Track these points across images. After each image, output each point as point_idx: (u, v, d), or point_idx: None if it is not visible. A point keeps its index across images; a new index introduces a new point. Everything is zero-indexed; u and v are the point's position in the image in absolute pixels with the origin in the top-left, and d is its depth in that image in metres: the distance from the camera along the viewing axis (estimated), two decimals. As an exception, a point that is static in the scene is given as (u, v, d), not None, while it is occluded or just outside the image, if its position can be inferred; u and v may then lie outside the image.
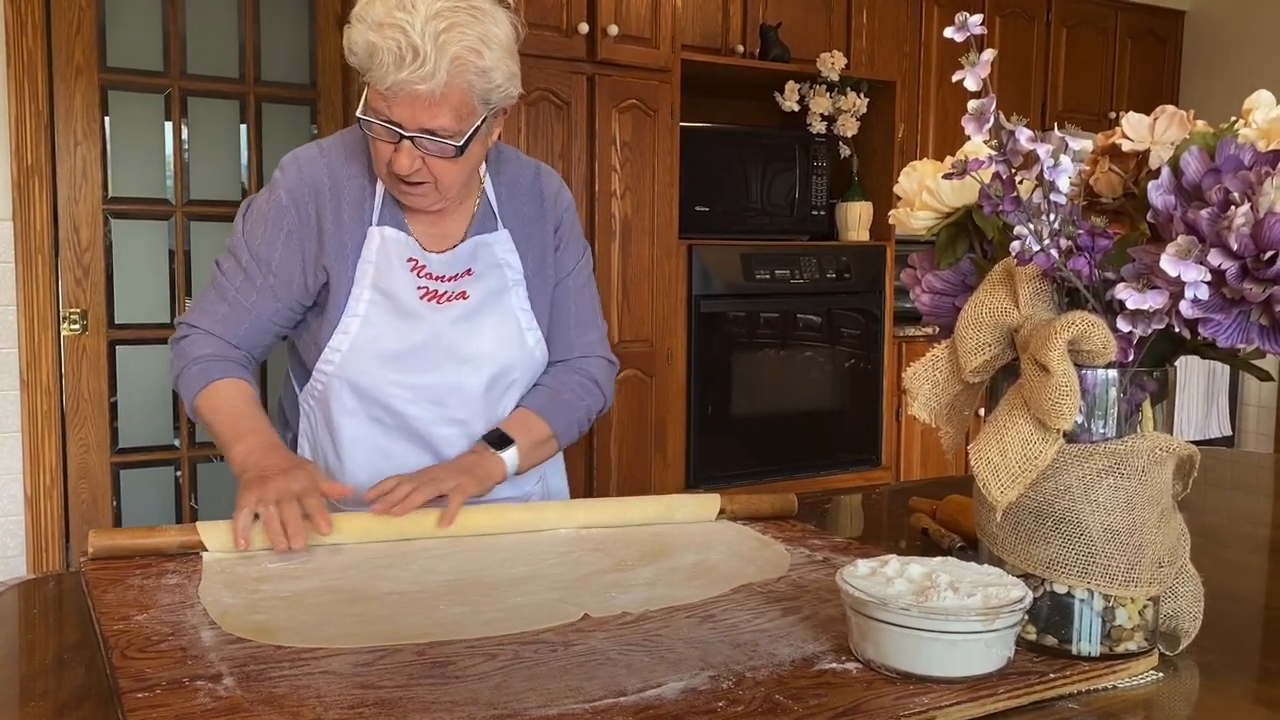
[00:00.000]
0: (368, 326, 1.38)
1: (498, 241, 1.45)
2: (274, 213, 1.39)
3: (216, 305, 1.41)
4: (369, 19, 1.25)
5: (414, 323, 1.38)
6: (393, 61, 1.22)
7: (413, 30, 1.21)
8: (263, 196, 1.41)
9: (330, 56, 3.44)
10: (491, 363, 1.42)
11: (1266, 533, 1.51)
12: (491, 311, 1.43)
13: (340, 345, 1.39)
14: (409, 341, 1.38)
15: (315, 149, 1.42)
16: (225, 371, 1.38)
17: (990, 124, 0.85)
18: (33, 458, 3.07)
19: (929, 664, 0.83)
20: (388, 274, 1.38)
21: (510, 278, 1.45)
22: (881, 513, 1.63)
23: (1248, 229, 0.77)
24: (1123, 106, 4.81)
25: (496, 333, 1.43)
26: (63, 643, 0.99)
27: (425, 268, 1.40)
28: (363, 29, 1.25)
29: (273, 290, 1.40)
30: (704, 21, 3.73)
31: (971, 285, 1.00)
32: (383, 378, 1.39)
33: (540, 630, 0.95)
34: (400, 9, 1.22)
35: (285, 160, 1.42)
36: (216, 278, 1.42)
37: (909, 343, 3.98)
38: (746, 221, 3.69)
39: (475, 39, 1.24)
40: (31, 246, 3.04)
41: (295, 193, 1.38)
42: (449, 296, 1.40)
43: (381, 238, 1.39)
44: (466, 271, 1.42)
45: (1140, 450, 0.87)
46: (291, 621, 0.98)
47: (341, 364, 1.39)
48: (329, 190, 1.38)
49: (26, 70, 2.99)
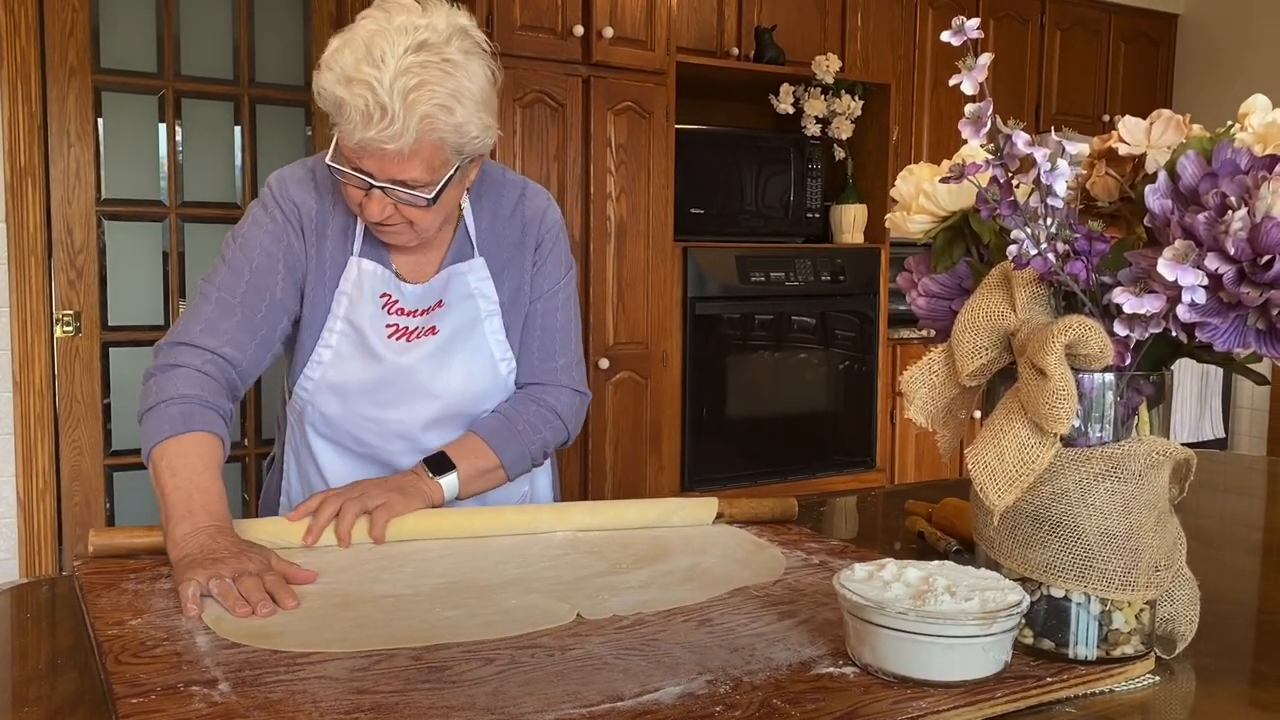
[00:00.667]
0: (338, 359, 1.36)
1: (471, 270, 1.40)
2: (273, 227, 1.35)
3: (223, 320, 1.31)
4: (336, 69, 1.19)
5: (377, 361, 1.36)
6: (360, 119, 1.17)
7: (380, 88, 1.16)
8: (256, 213, 1.37)
9: (325, 58, 3.44)
10: (460, 397, 1.40)
11: (1260, 536, 1.51)
12: (462, 345, 1.39)
13: (313, 374, 1.37)
14: (373, 376, 1.36)
15: (302, 170, 1.38)
16: (205, 423, 1.23)
17: (987, 128, 0.85)
18: (25, 460, 3.06)
19: (926, 668, 0.83)
20: (359, 309, 1.35)
21: (484, 308, 1.41)
22: (876, 515, 1.63)
23: (1245, 233, 0.77)
24: (1116, 109, 4.83)
25: (466, 367, 1.39)
26: (56, 648, 0.98)
27: (398, 303, 1.37)
28: (330, 79, 1.20)
29: (281, 304, 1.35)
30: (699, 24, 3.73)
31: (968, 289, 1.00)
32: (352, 409, 1.37)
33: (536, 634, 0.95)
34: (369, 63, 1.17)
35: (273, 179, 1.38)
36: (213, 294, 1.32)
37: (903, 345, 3.99)
38: (741, 224, 3.69)
39: (446, 95, 1.19)
40: (25, 248, 3.03)
41: (287, 210, 1.35)
42: (419, 333, 1.37)
43: (359, 270, 1.35)
44: (438, 304, 1.39)
45: (1137, 454, 0.87)
46: (286, 626, 0.97)
47: (314, 391, 1.38)
48: (315, 214, 1.35)
49: (20, 71, 2.99)
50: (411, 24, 1.19)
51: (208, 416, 1.24)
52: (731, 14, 3.80)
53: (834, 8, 4.04)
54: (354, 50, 1.19)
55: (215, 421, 1.25)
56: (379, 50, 1.17)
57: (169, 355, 1.29)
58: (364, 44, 1.18)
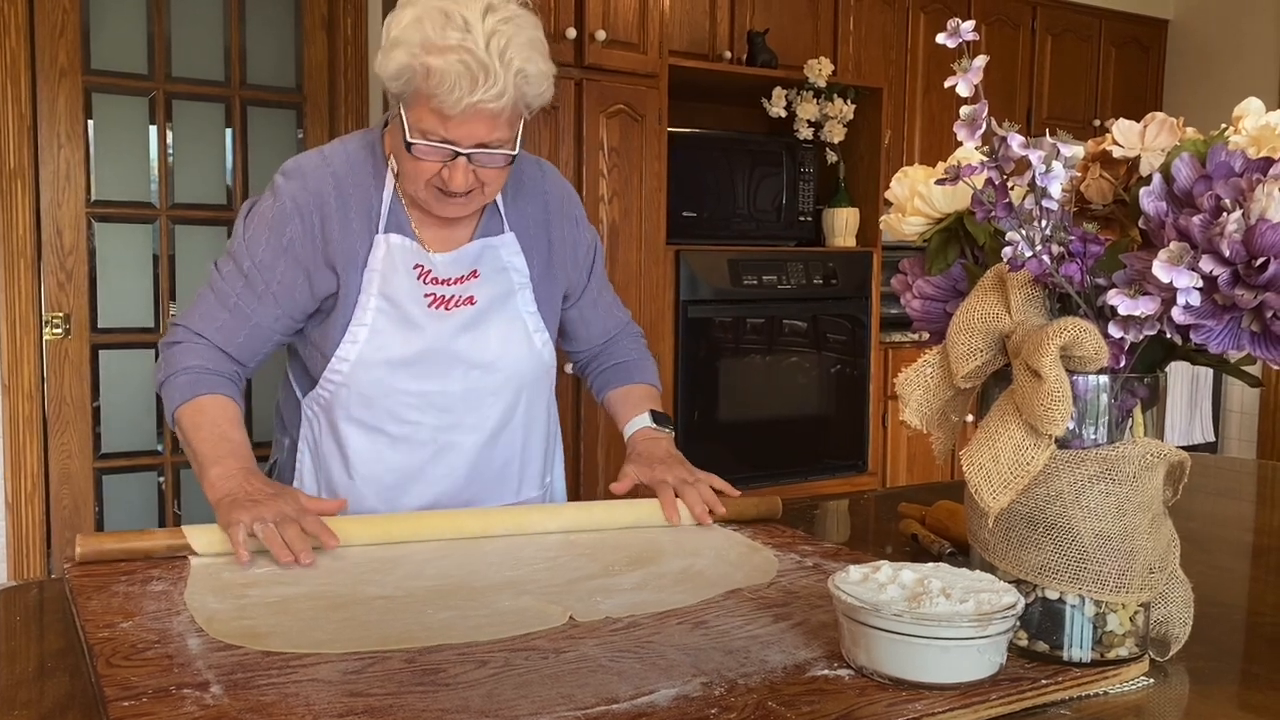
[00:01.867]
0: (375, 335, 1.36)
1: (504, 244, 1.44)
2: (277, 219, 1.36)
3: (216, 311, 1.37)
4: (416, 40, 1.21)
5: (420, 330, 1.37)
6: (466, 84, 1.19)
7: (478, 49, 1.19)
8: (265, 202, 1.38)
9: (316, 59, 3.43)
10: (498, 367, 1.42)
11: (1251, 539, 1.52)
12: (498, 316, 1.42)
13: (348, 354, 1.37)
14: (415, 348, 1.37)
15: (318, 157, 1.39)
16: (213, 386, 1.34)
17: (982, 130, 0.85)
18: (13, 463, 3.05)
19: (922, 670, 0.83)
20: (393, 281, 1.37)
21: (516, 281, 1.44)
22: (869, 518, 1.63)
23: (1239, 235, 0.78)
24: (1107, 114, 4.85)
25: (503, 337, 1.42)
26: (45, 651, 0.98)
27: (430, 272, 1.39)
28: (409, 52, 1.21)
29: (275, 298, 1.36)
30: (692, 27, 3.74)
31: (963, 291, 1.00)
32: (391, 385, 1.38)
33: (530, 636, 0.95)
34: (454, 29, 1.20)
35: (287, 167, 1.39)
36: (216, 283, 1.38)
37: (895, 348, 3.99)
38: (734, 227, 3.69)
39: (528, 48, 1.24)
40: (14, 250, 3.01)
41: (299, 200, 1.35)
42: (456, 301, 1.39)
43: (388, 245, 1.37)
44: (472, 274, 1.41)
45: (1131, 456, 0.87)
46: (278, 627, 0.97)
47: (350, 372, 1.37)
48: (334, 199, 1.36)
49: (9, 73, 2.97)
50: None
51: (212, 381, 1.34)
52: (724, 17, 3.80)
53: (826, 11, 4.05)
54: (433, 21, 1.21)
55: (222, 384, 1.35)
56: (459, 17, 1.21)
57: (173, 334, 1.39)
58: (440, 13, 1.21)
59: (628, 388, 1.58)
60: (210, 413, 1.32)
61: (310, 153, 1.41)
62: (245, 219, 1.39)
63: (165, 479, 3.35)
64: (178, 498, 3.37)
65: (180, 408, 1.33)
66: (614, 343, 1.63)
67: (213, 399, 1.33)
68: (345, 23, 3.40)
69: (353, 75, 3.44)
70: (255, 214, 1.38)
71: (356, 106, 3.45)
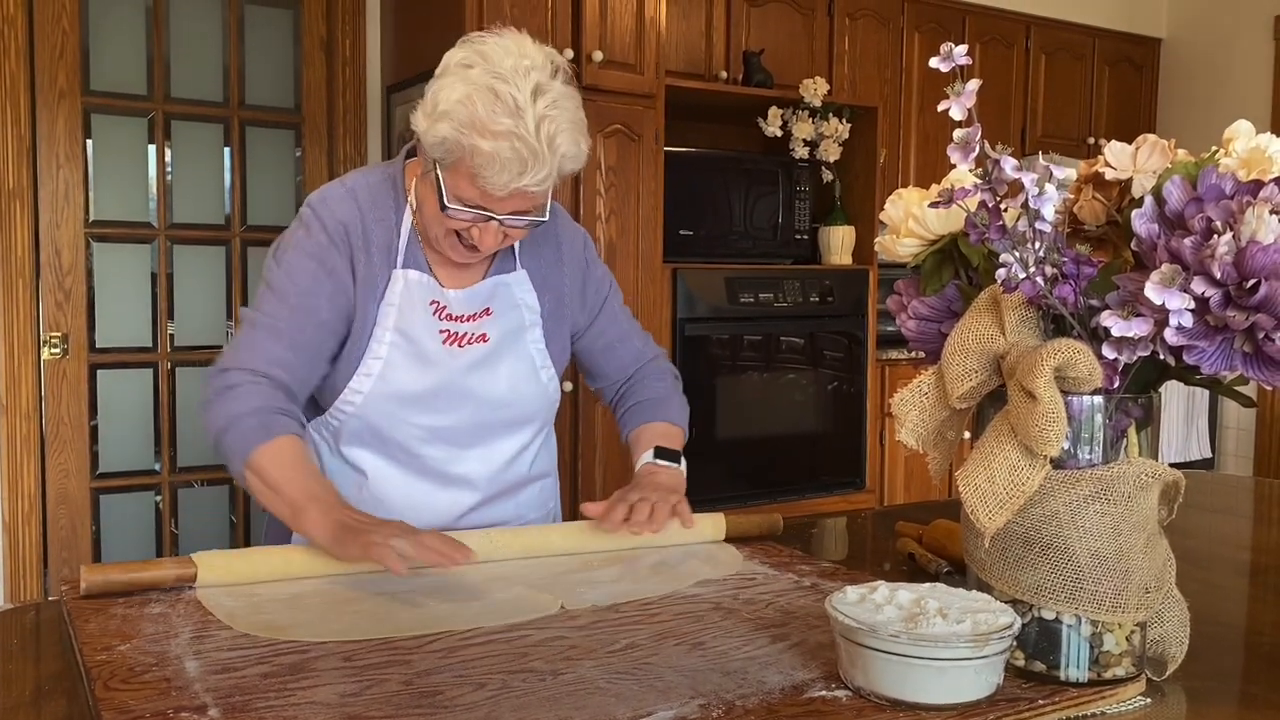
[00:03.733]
0: (389, 369, 1.36)
1: (516, 282, 1.45)
2: (316, 247, 1.35)
3: (269, 345, 1.32)
4: (461, 119, 1.21)
5: (433, 366, 1.38)
6: (515, 169, 1.20)
7: (529, 136, 1.20)
8: (298, 234, 1.37)
9: (315, 80, 3.45)
10: (507, 403, 1.43)
11: (1248, 556, 1.52)
12: (509, 353, 1.43)
13: (361, 387, 1.37)
14: (427, 384, 1.38)
15: (342, 189, 1.39)
16: (286, 427, 1.29)
17: (975, 153, 0.86)
18: (11, 483, 3.04)
19: (918, 691, 0.83)
20: (410, 316, 1.37)
21: (528, 318, 1.45)
22: (867, 537, 1.63)
23: (1230, 257, 0.78)
24: (1101, 132, 4.87)
25: (512, 374, 1.43)
26: (42, 674, 0.98)
27: (445, 308, 1.39)
28: (458, 128, 1.21)
29: (327, 325, 1.35)
30: (688, 48, 3.76)
31: (957, 312, 1.01)
32: (401, 418, 1.38)
33: (529, 659, 0.95)
34: (505, 113, 1.20)
35: (314, 200, 1.38)
36: (259, 320, 1.34)
37: (892, 366, 4.00)
38: (730, 245, 3.70)
39: (572, 131, 1.25)
40: (12, 270, 3.02)
41: (331, 229, 1.35)
42: (469, 339, 1.40)
43: (405, 280, 1.37)
44: (485, 311, 1.42)
45: (1126, 476, 0.88)
46: (296, 619, 1.04)
47: (361, 404, 1.37)
48: (360, 232, 1.36)
49: (9, 94, 2.98)
50: (521, 66, 1.22)
51: (283, 422, 1.29)
52: (720, 38, 3.83)
53: (821, 31, 4.07)
54: (484, 100, 1.20)
55: (291, 425, 1.30)
56: (510, 99, 1.20)
57: (223, 379, 1.31)
58: (490, 92, 1.20)
59: (644, 426, 1.56)
60: (290, 454, 1.27)
61: (334, 184, 1.41)
62: (277, 255, 1.38)
63: (163, 498, 3.34)
64: (175, 517, 3.36)
65: (255, 452, 1.26)
66: (639, 379, 1.61)
67: (289, 441, 1.28)
68: (344, 44, 3.42)
69: (351, 96, 3.45)
70: (289, 247, 1.37)
71: (354, 127, 3.47)
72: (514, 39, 1.26)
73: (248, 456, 1.26)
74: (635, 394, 1.60)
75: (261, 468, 1.25)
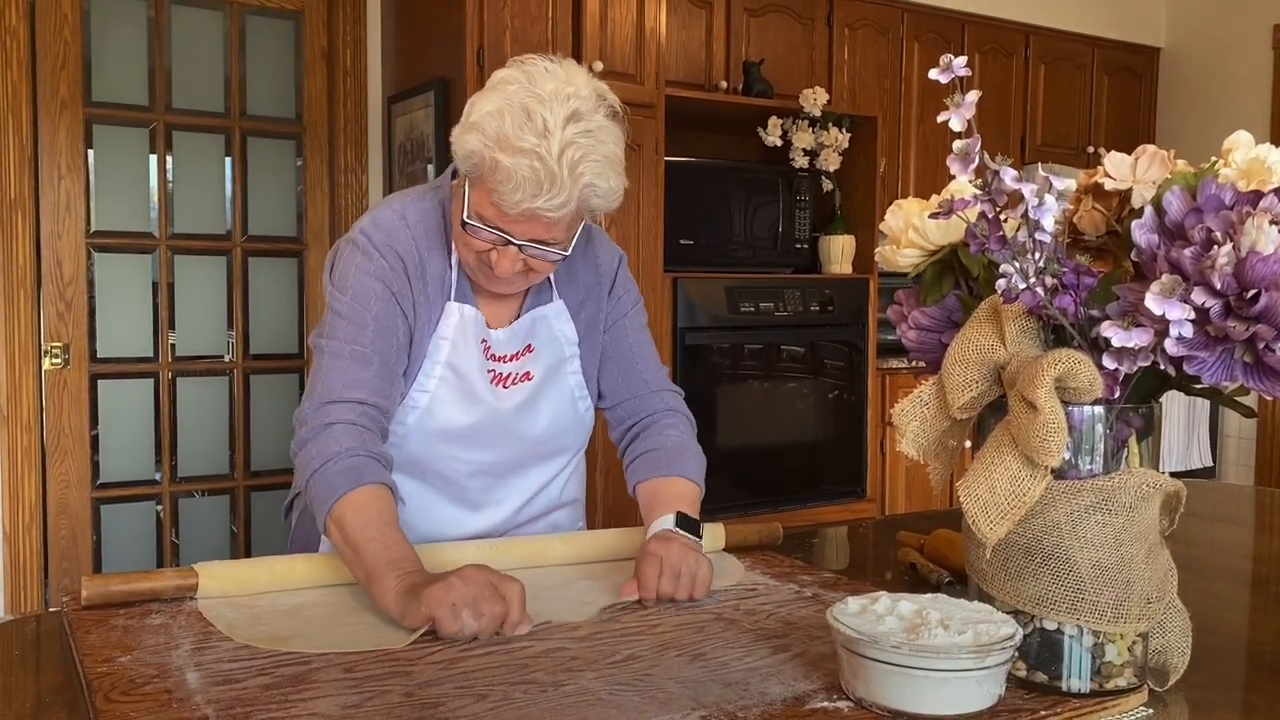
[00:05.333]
0: (436, 404, 1.34)
1: (554, 314, 1.42)
2: (380, 270, 1.31)
3: (356, 372, 1.27)
4: (492, 132, 1.19)
5: (479, 404, 1.36)
6: (529, 188, 1.17)
7: (550, 158, 1.17)
8: (359, 260, 1.32)
9: (316, 90, 3.46)
10: (545, 437, 1.42)
11: (1250, 566, 1.52)
12: (550, 389, 1.41)
13: (406, 419, 1.33)
14: (471, 420, 1.36)
15: (396, 217, 1.35)
16: (375, 475, 1.21)
17: (975, 164, 0.86)
18: (11, 494, 3.04)
19: (920, 702, 0.83)
20: (464, 352, 1.35)
21: (567, 350, 1.43)
22: (868, 546, 1.63)
23: (1230, 268, 0.78)
24: (1100, 141, 4.88)
25: (552, 409, 1.41)
26: (43, 686, 0.98)
27: (490, 348, 1.37)
28: (484, 141, 1.19)
29: (404, 347, 1.32)
30: (688, 58, 3.77)
31: (958, 322, 1.01)
32: (443, 451, 1.36)
33: (529, 662, 0.95)
34: (533, 133, 1.17)
35: (368, 226, 1.34)
36: (339, 348, 1.28)
37: (893, 375, 4.00)
38: (730, 255, 3.71)
39: (603, 164, 1.22)
40: (13, 280, 3.02)
41: (390, 258, 1.32)
42: (514, 379, 1.38)
43: (461, 315, 1.34)
44: (527, 348, 1.40)
45: (1127, 486, 0.88)
46: (297, 630, 1.04)
47: (404, 436, 1.34)
48: (416, 261, 1.33)
49: (11, 105, 2.99)
50: (562, 92, 1.20)
51: (375, 468, 1.21)
52: (720, 48, 3.84)
53: (821, 41, 4.09)
54: (514, 117, 1.18)
55: (383, 472, 1.23)
56: (540, 120, 1.18)
57: (320, 415, 1.24)
58: (523, 111, 1.18)
59: (657, 481, 1.40)
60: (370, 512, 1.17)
61: (384, 210, 1.37)
62: (338, 283, 1.33)
63: (163, 508, 3.34)
64: (175, 527, 3.36)
65: (340, 502, 1.17)
66: (652, 424, 1.49)
67: (373, 493, 1.19)
68: (345, 54, 3.43)
69: (352, 106, 3.46)
70: (350, 272, 1.32)
71: (356, 137, 3.47)
72: (566, 67, 1.24)
73: (332, 505, 1.18)
74: (646, 441, 1.46)
75: (343, 519, 1.17)
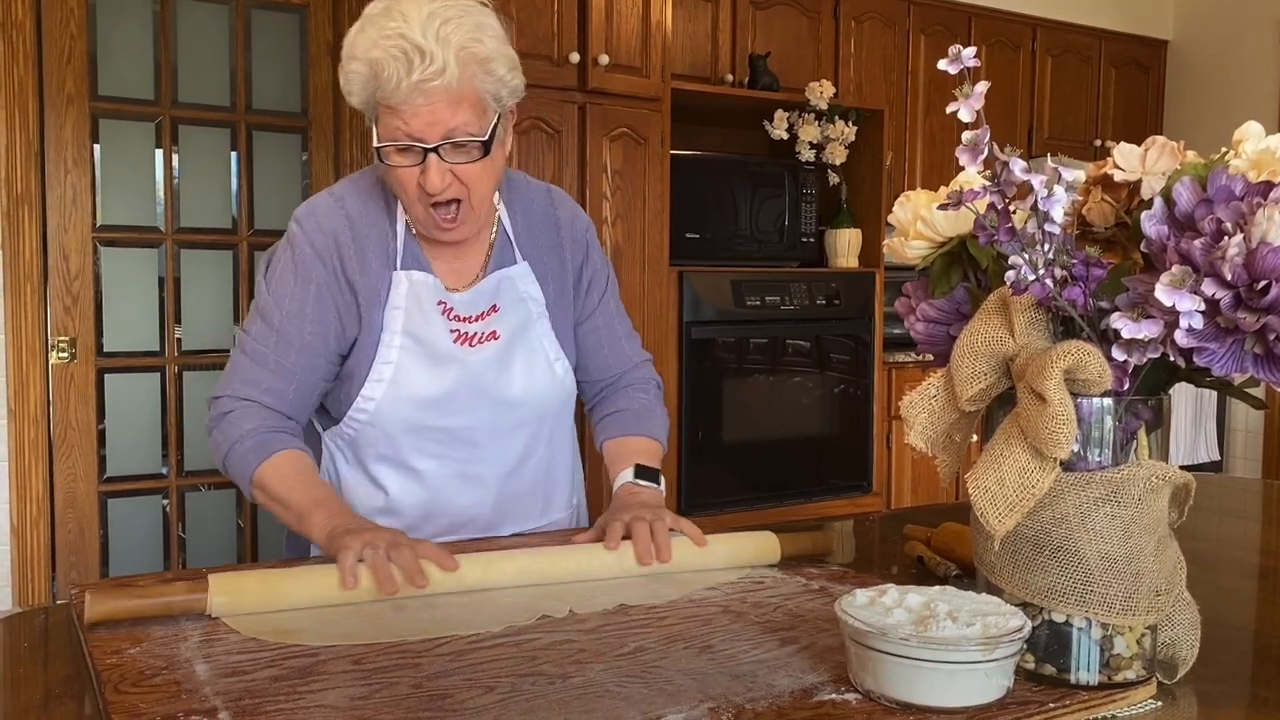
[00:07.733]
0: (401, 373, 1.35)
1: (519, 275, 1.43)
2: (300, 267, 1.35)
3: (257, 373, 1.34)
4: (360, 47, 1.24)
5: (447, 366, 1.37)
6: (403, 68, 1.20)
7: (413, 33, 1.20)
8: (284, 254, 1.37)
9: (321, 84, 3.45)
10: (523, 401, 1.42)
11: (1257, 559, 1.51)
12: (520, 348, 1.42)
13: (374, 393, 1.36)
14: (442, 386, 1.36)
15: (329, 199, 1.39)
16: (282, 443, 1.31)
17: (984, 155, 0.86)
18: (19, 487, 3.05)
19: (928, 694, 0.83)
20: (419, 319, 1.36)
21: (534, 310, 1.44)
22: (874, 540, 1.63)
23: (1241, 259, 0.78)
24: (1108, 134, 4.87)
25: (527, 370, 1.42)
26: (51, 678, 0.98)
27: (452, 309, 1.38)
28: (359, 55, 1.24)
29: (312, 347, 1.35)
30: (694, 51, 3.76)
31: (966, 314, 1.01)
32: (417, 421, 1.37)
33: (537, 654, 0.95)
34: (391, 19, 1.22)
35: (300, 213, 1.38)
36: (248, 345, 1.36)
37: (899, 368, 4.00)
38: (736, 248, 3.71)
39: (472, 27, 1.23)
40: (20, 274, 3.03)
41: (317, 244, 1.35)
42: (480, 338, 1.39)
43: (409, 281, 1.36)
44: (492, 308, 1.41)
45: (1136, 478, 0.87)
46: (304, 623, 1.04)
47: (376, 411, 1.36)
48: (350, 239, 1.35)
49: (17, 99, 3.00)
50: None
51: (280, 438, 1.31)
52: (726, 41, 3.83)
53: (827, 34, 4.08)
54: (374, 23, 1.23)
55: (289, 440, 1.32)
56: (397, 13, 1.22)
57: (218, 406, 1.35)
58: (383, 13, 1.23)
59: (623, 439, 1.49)
60: (292, 467, 1.30)
61: (322, 194, 1.40)
62: (266, 276, 1.38)
63: (170, 502, 3.35)
64: (183, 521, 3.37)
65: (258, 470, 1.29)
66: (621, 388, 1.56)
67: (288, 454, 1.30)
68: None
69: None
70: (275, 267, 1.37)
71: (361, 131, 3.47)
72: None
73: (251, 476, 1.29)
74: (615, 401, 1.54)
75: (265, 484, 1.29)
